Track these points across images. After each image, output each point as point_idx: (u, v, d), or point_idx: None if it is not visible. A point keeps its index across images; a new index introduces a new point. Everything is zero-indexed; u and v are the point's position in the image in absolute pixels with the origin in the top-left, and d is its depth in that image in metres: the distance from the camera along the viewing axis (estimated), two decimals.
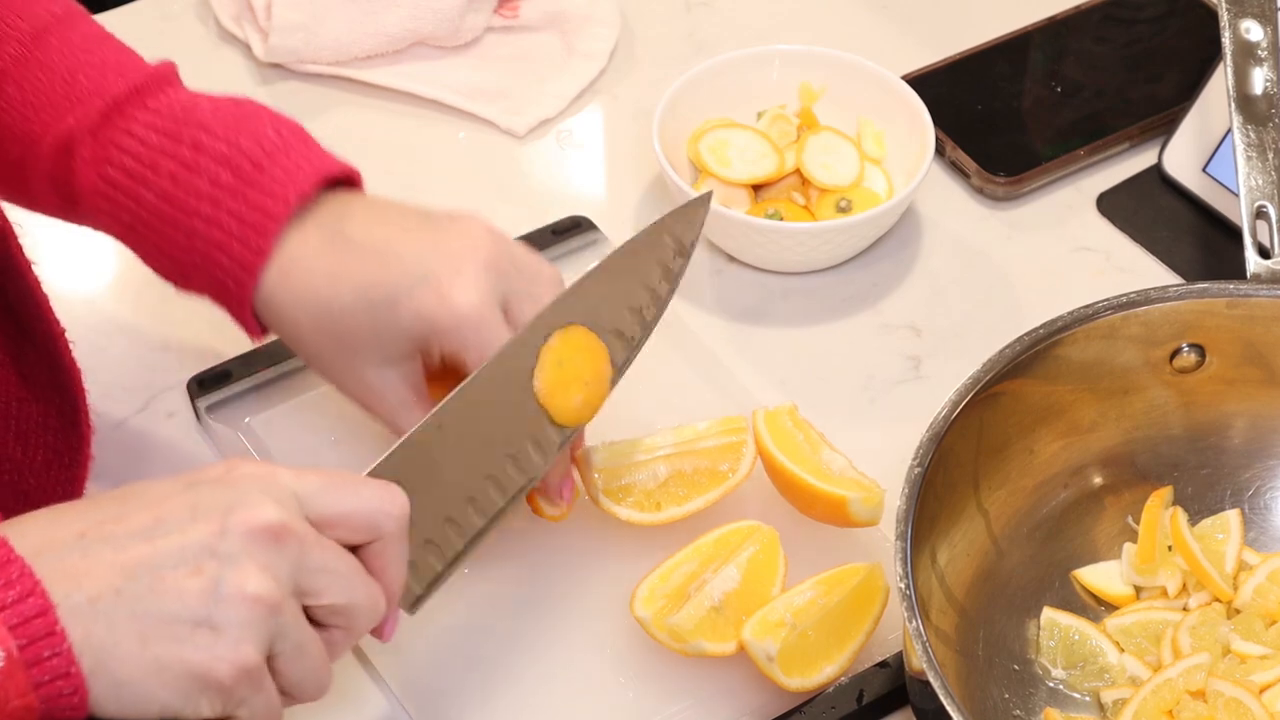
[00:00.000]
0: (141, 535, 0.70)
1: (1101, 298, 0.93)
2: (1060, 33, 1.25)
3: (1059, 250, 1.13)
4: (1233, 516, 0.95)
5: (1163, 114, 1.18)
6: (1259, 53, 1.00)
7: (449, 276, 0.86)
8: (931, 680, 0.78)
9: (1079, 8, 1.26)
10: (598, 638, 0.92)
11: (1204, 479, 0.97)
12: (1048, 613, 0.92)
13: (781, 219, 1.11)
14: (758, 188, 1.13)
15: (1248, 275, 0.96)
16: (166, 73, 0.92)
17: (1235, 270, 0.96)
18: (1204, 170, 1.13)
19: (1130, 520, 0.96)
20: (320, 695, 0.75)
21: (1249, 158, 0.98)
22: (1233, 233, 1.04)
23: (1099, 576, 0.94)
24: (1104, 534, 0.96)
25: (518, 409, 0.86)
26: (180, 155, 0.88)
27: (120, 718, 0.69)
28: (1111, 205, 1.16)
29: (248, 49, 1.24)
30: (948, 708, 0.77)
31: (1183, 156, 1.15)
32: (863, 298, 1.11)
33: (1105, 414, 0.95)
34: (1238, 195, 0.98)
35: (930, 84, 1.18)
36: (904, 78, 1.16)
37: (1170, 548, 0.94)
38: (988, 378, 0.89)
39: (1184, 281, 1.10)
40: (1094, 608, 0.94)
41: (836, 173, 1.12)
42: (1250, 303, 0.94)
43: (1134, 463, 0.96)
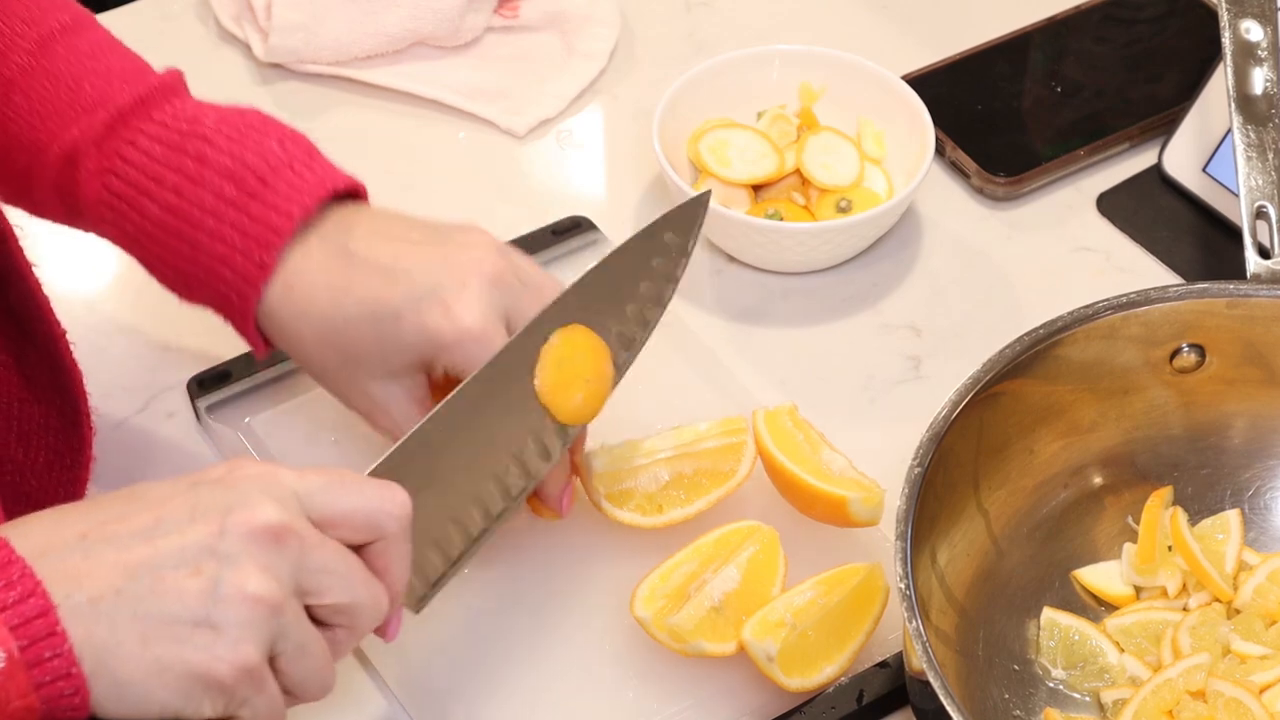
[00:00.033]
0: (142, 536, 0.70)
1: (1101, 298, 0.93)
2: (1060, 33, 1.25)
3: (1059, 250, 1.13)
4: (1233, 516, 0.95)
5: (1163, 114, 1.18)
6: (1259, 53, 1.00)
7: (454, 292, 0.86)
8: (931, 680, 0.78)
9: (1079, 8, 1.26)
10: (598, 638, 0.92)
11: (1204, 479, 0.97)
12: (1048, 613, 0.92)
13: (781, 219, 1.11)
14: (758, 188, 1.13)
15: (1248, 275, 0.96)
16: (172, 82, 0.92)
17: (1235, 270, 0.96)
18: (1204, 170, 1.13)
19: (1130, 520, 0.96)
20: (324, 695, 0.75)
21: (1249, 158, 0.98)
22: (1233, 233, 1.04)
23: (1099, 576, 0.94)
24: (1104, 534, 0.96)
25: (519, 408, 0.86)
26: (184, 168, 0.88)
27: (122, 718, 0.69)
28: (1111, 205, 1.16)
29: (248, 49, 1.24)
30: (948, 708, 0.77)
31: (1183, 156, 1.14)
32: (863, 298, 1.11)
33: (1105, 414, 0.95)
34: (1238, 195, 0.98)
35: (930, 84, 1.18)
36: (904, 78, 1.16)
37: (1170, 548, 0.94)
38: (988, 378, 0.89)
39: (1184, 281, 1.10)
40: (1094, 608, 0.94)
41: (836, 173, 1.12)
42: (1250, 303, 0.94)
43: (1134, 463, 0.96)
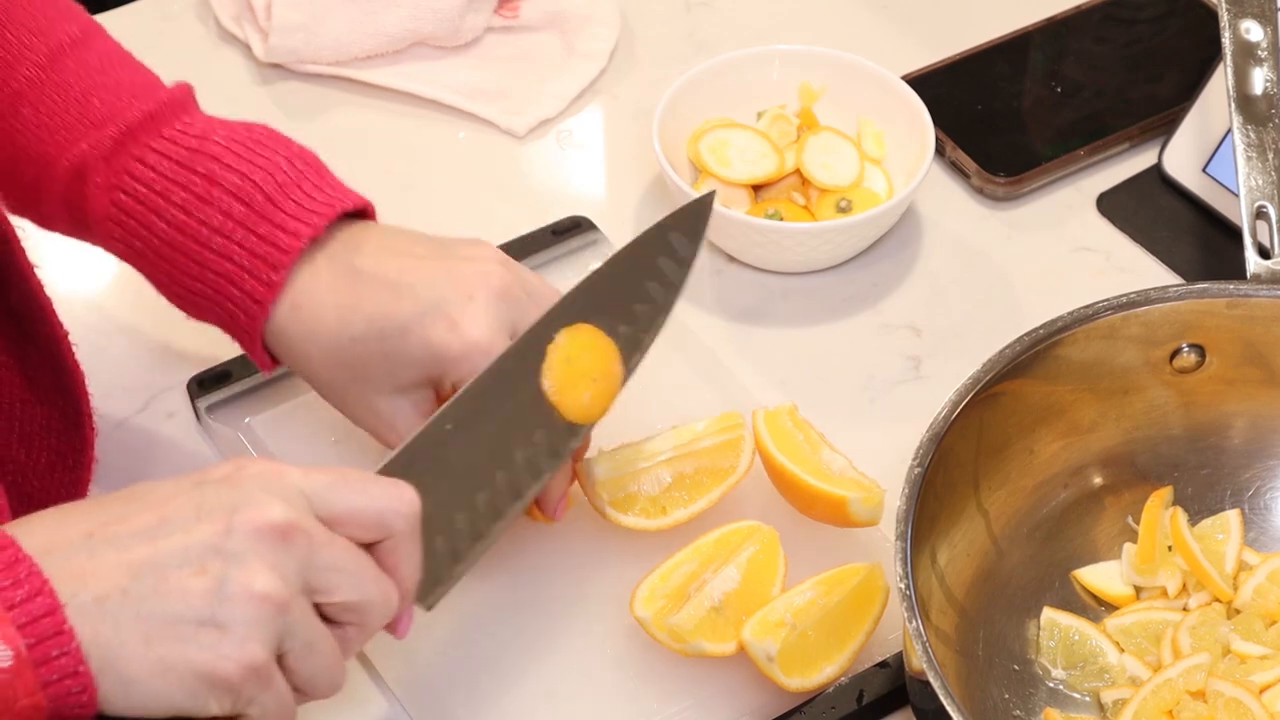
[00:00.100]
0: (147, 535, 0.70)
1: (1101, 298, 0.93)
2: (1060, 33, 1.25)
3: (1059, 250, 1.13)
4: (1233, 516, 0.95)
5: (1163, 114, 1.18)
6: (1259, 53, 1.00)
7: (460, 305, 0.86)
8: (931, 680, 0.78)
9: (1079, 8, 1.26)
10: (598, 638, 0.92)
11: (1204, 479, 0.97)
12: (1048, 613, 0.92)
13: (781, 219, 1.11)
14: (758, 188, 1.13)
15: (1248, 275, 0.96)
16: (182, 97, 0.92)
17: (1235, 270, 0.96)
18: (1204, 170, 1.13)
19: (1130, 520, 0.96)
20: (333, 692, 0.75)
21: (1249, 158, 0.98)
22: (1233, 233, 1.04)
23: (1099, 576, 0.94)
24: (1104, 534, 0.96)
25: (527, 407, 0.86)
26: (193, 185, 0.88)
27: (129, 716, 0.69)
28: (1111, 205, 1.16)
29: (248, 49, 1.24)
30: (948, 708, 0.77)
31: (1183, 156, 1.14)
32: (863, 298, 1.11)
33: (1105, 414, 0.95)
34: (1238, 195, 0.98)
35: (930, 84, 1.18)
36: (904, 78, 1.16)
37: (1170, 548, 0.94)
38: (988, 378, 0.89)
39: (1184, 281, 1.10)
40: (1094, 608, 0.94)
41: (836, 173, 1.12)
42: (1250, 303, 0.94)
43: (1134, 463, 0.96)
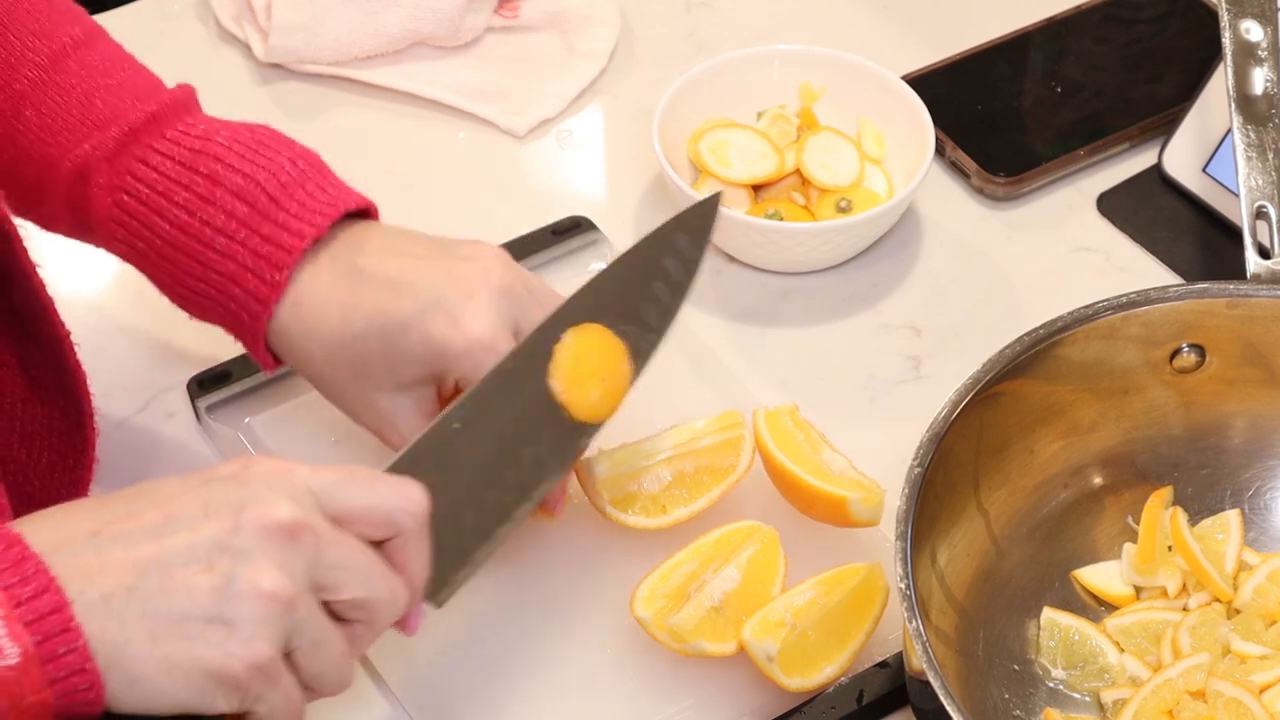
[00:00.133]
0: (154, 533, 0.70)
1: (1101, 298, 0.93)
2: (1060, 33, 1.25)
3: (1059, 250, 1.13)
4: (1233, 516, 0.95)
5: (1163, 114, 1.18)
6: (1259, 53, 1.00)
7: (461, 302, 0.86)
8: (931, 680, 0.78)
9: (1079, 8, 1.26)
10: (598, 638, 0.92)
11: (1204, 479, 0.97)
12: (1048, 613, 0.92)
13: (781, 219, 1.11)
14: (758, 188, 1.13)
15: (1248, 275, 0.96)
16: (184, 98, 0.92)
17: (1235, 270, 0.96)
18: (1204, 170, 1.13)
19: (1130, 520, 0.96)
20: (342, 690, 0.75)
21: (1249, 158, 0.98)
22: (1233, 233, 1.04)
23: (1099, 576, 0.94)
24: (1104, 534, 0.96)
25: (535, 407, 0.86)
26: (196, 186, 0.88)
27: (136, 714, 0.69)
28: (1111, 205, 1.15)
29: (248, 49, 1.24)
30: (948, 708, 0.77)
31: (1183, 156, 1.14)
32: (863, 298, 1.11)
33: (1105, 414, 0.95)
34: (1238, 195, 0.98)
35: (930, 84, 1.18)
36: (904, 78, 1.16)
37: (1170, 548, 0.94)
38: (988, 378, 0.89)
39: (1184, 281, 1.10)
40: (1094, 608, 0.94)
41: (836, 173, 1.12)
42: (1250, 303, 0.94)
43: (1134, 463, 0.96)
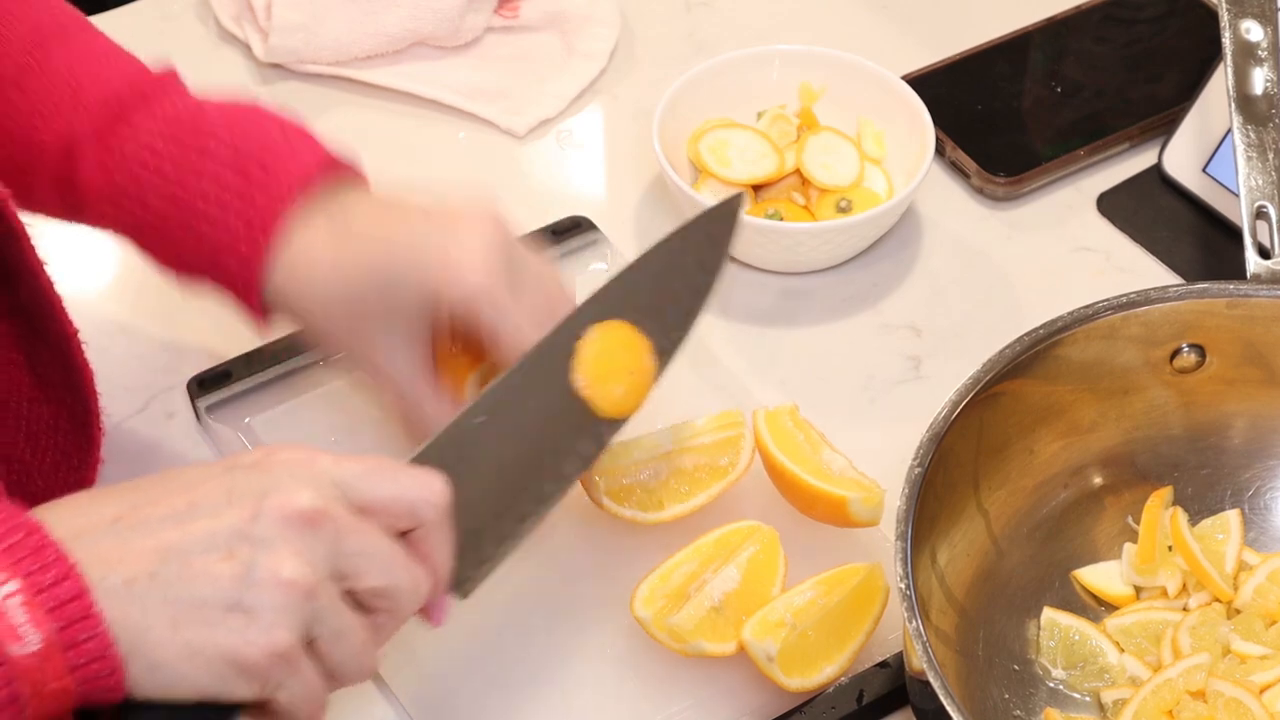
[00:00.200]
0: (175, 520, 0.70)
1: (1101, 298, 0.93)
2: (1060, 33, 1.25)
3: (1059, 250, 1.13)
4: (1233, 516, 0.95)
5: (1163, 114, 1.18)
6: (1259, 53, 1.00)
7: (449, 233, 0.87)
8: (931, 680, 0.78)
9: (1079, 8, 1.26)
10: (598, 638, 0.92)
11: (1204, 479, 0.97)
12: (1048, 613, 0.92)
13: (781, 219, 1.11)
14: (758, 188, 1.13)
15: (1248, 275, 0.96)
16: (170, 77, 0.93)
17: (1235, 270, 0.96)
18: (1204, 170, 1.13)
19: (1130, 520, 0.96)
20: (365, 678, 0.75)
21: (1249, 158, 0.98)
22: (1233, 233, 1.04)
23: (1099, 576, 0.94)
24: (1104, 534, 0.96)
25: (559, 402, 0.86)
26: (186, 160, 0.89)
27: (157, 700, 0.69)
28: (1111, 205, 1.16)
29: (248, 49, 1.24)
30: (948, 708, 0.77)
31: (1183, 156, 1.14)
32: (863, 298, 1.11)
33: (1105, 414, 0.95)
34: (1238, 195, 0.98)
35: (930, 84, 1.18)
36: (904, 78, 1.16)
37: (1170, 548, 0.94)
38: (988, 378, 0.89)
39: (1184, 281, 1.10)
40: (1094, 608, 0.94)
41: (836, 173, 1.12)
42: (1250, 303, 0.94)
43: (1134, 463, 0.96)
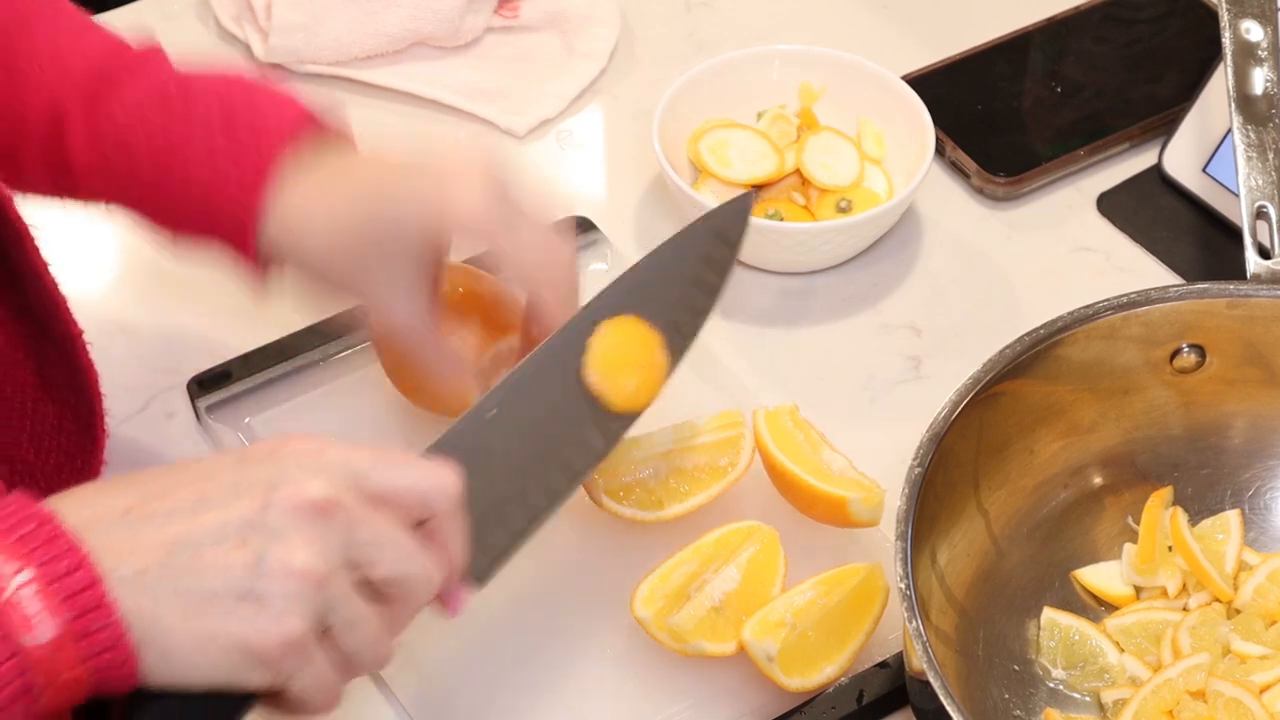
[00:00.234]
0: (186, 511, 0.70)
1: (1101, 298, 0.93)
2: (1060, 33, 1.25)
3: (1059, 250, 1.13)
4: (1233, 516, 0.95)
5: (1163, 114, 1.18)
6: (1259, 53, 1.00)
7: (444, 166, 0.87)
8: (931, 680, 0.78)
9: (1079, 8, 1.26)
10: (598, 638, 0.92)
11: (1204, 479, 0.97)
12: (1048, 613, 0.92)
13: (781, 219, 1.11)
14: (758, 188, 1.13)
15: (1248, 275, 0.96)
16: (154, 51, 0.93)
17: (1235, 270, 0.96)
18: (1204, 170, 1.13)
19: (1130, 520, 0.96)
20: (380, 667, 0.75)
21: (1249, 158, 0.98)
22: (1233, 233, 1.04)
23: (1099, 576, 0.94)
24: (1104, 534, 0.96)
25: (570, 396, 0.86)
26: (175, 128, 0.89)
27: (169, 690, 0.69)
28: (1111, 205, 1.16)
29: (248, 49, 1.24)
30: (948, 708, 0.77)
31: (1183, 156, 1.14)
32: (863, 298, 1.11)
33: (1105, 414, 0.95)
34: (1238, 195, 0.98)
35: (930, 84, 1.18)
36: (904, 78, 1.16)
37: (1170, 548, 0.94)
38: (988, 378, 0.89)
39: (1184, 281, 1.10)
40: (1094, 608, 0.94)
41: (836, 173, 1.12)
42: (1250, 303, 0.94)
43: (1134, 463, 0.96)
